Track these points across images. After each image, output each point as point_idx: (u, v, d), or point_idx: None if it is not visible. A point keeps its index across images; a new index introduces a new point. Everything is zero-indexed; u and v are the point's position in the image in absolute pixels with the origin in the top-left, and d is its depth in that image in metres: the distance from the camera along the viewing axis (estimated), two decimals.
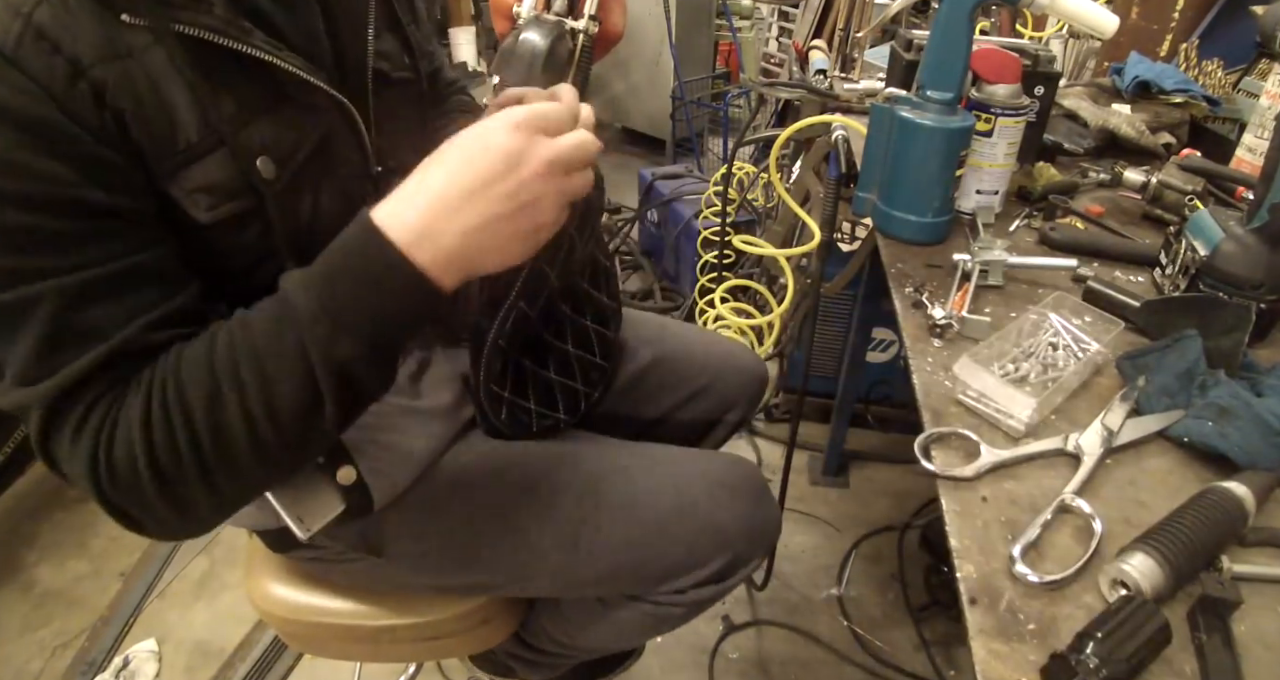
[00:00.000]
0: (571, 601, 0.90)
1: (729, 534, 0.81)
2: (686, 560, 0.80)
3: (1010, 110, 0.94)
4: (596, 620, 0.88)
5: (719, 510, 0.81)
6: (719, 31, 3.61)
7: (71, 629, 1.51)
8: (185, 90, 0.54)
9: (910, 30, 1.17)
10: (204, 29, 0.54)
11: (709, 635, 1.49)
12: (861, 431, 1.95)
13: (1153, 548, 0.52)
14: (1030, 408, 0.65)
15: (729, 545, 0.81)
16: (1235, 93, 1.32)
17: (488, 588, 0.85)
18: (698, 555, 0.80)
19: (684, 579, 0.80)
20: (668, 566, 0.80)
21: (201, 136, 0.55)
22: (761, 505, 0.86)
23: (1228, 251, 0.76)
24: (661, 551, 0.80)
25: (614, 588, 0.83)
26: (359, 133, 0.67)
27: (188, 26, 0.54)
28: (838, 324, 1.87)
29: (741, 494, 0.84)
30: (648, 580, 0.81)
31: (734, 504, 0.82)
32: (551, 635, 0.94)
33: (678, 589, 0.81)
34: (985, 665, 0.48)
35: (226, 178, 0.57)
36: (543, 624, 0.95)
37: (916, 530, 1.69)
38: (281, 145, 0.60)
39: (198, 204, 0.56)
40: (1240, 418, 0.63)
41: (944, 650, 1.47)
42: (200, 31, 0.54)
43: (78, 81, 0.50)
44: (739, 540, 0.81)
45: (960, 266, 0.85)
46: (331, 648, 0.94)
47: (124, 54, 0.52)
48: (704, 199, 2.36)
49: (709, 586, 0.81)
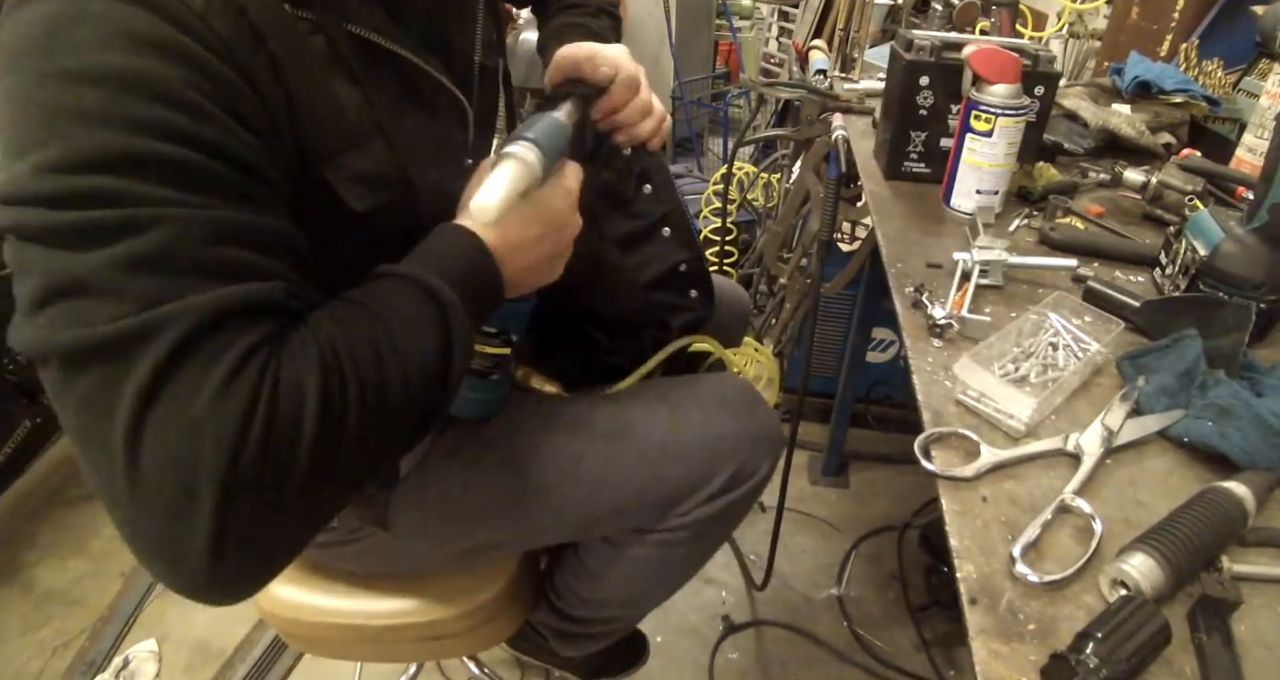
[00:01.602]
0: (586, 548, 0.91)
1: (728, 444, 0.81)
2: (690, 479, 0.80)
3: (1010, 110, 0.94)
4: (611, 564, 0.89)
5: (714, 424, 0.82)
6: (719, 31, 3.61)
7: (71, 629, 1.51)
8: (346, 80, 0.56)
9: (910, 30, 1.17)
10: (367, 29, 0.56)
11: (709, 635, 1.49)
12: (861, 431, 1.95)
13: (1153, 548, 0.52)
14: (1030, 408, 0.65)
15: (731, 456, 0.81)
16: (1235, 93, 1.32)
17: (497, 545, 0.86)
18: (700, 471, 0.80)
19: (691, 499, 0.81)
20: (672, 489, 0.80)
21: (361, 124, 0.57)
22: (757, 415, 0.85)
23: (1228, 251, 0.76)
24: (663, 473, 0.80)
25: (622, 521, 0.84)
26: (467, 129, 0.70)
27: (354, 25, 0.56)
28: (838, 324, 1.87)
29: (736, 406, 0.84)
30: (655, 507, 0.82)
31: (729, 416, 0.83)
32: (576, 591, 0.95)
33: (682, 512, 0.81)
34: (985, 665, 0.48)
35: (382, 167, 0.59)
36: (567, 581, 0.95)
37: (916, 530, 1.69)
38: (416, 141, 0.62)
39: (352, 191, 0.57)
40: (1240, 418, 0.63)
41: (944, 650, 1.47)
42: (364, 31, 0.56)
43: (259, 50, 0.50)
44: (740, 448, 0.81)
45: (960, 266, 0.85)
46: (332, 647, 0.94)
47: (293, 34, 0.53)
48: (704, 199, 2.36)
49: (713, 502, 0.81)
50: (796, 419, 1.49)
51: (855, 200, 1.38)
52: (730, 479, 0.81)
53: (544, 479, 0.80)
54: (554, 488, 0.80)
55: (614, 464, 0.80)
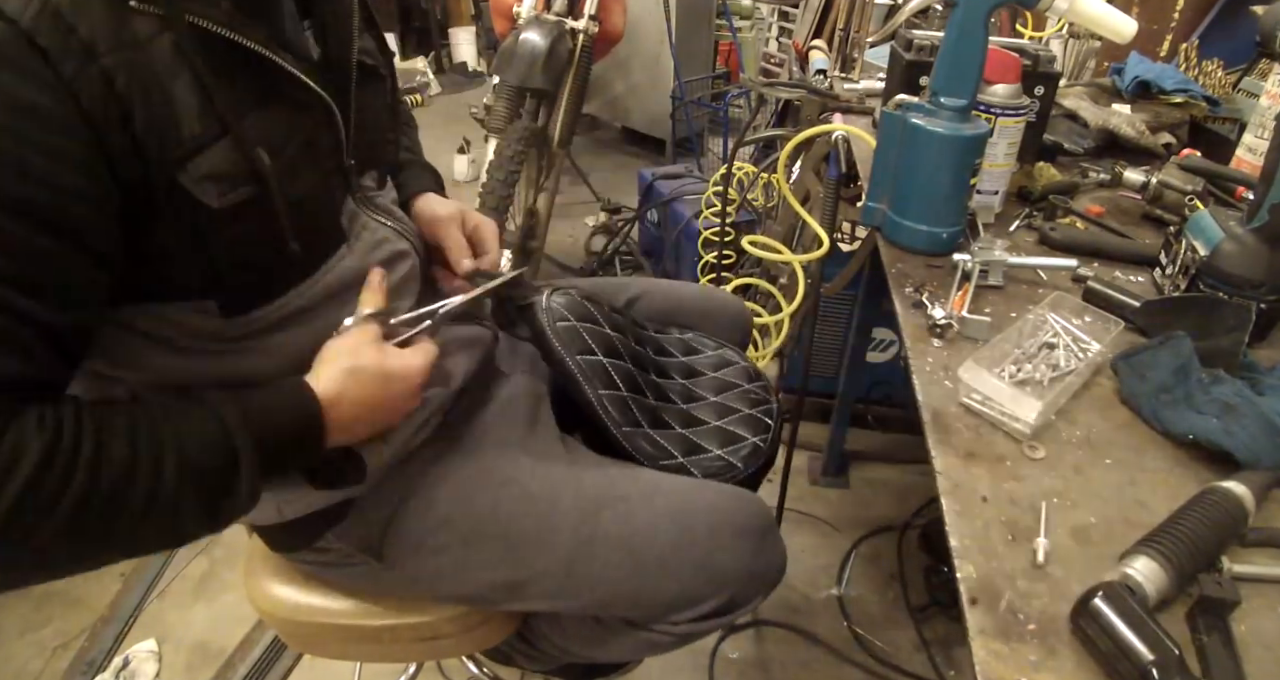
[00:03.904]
0: (569, 616, 0.90)
1: (728, 575, 0.79)
2: (681, 596, 0.79)
3: (1010, 110, 0.94)
4: (591, 637, 0.88)
5: (719, 550, 0.79)
6: (719, 31, 3.61)
7: (71, 629, 1.51)
8: (190, 81, 0.56)
9: (910, 30, 1.17)
10: (212, 21, 0.56)
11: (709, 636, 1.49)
12: (861, 431, 1.95)
13: (1156, 551, 0.52)
14: (1036, 410, 0.65)
15: (727, 586, 0.79)
16: (1235, 93, 1.32)
17: (483, 601, 0.85)
18: (693, 593, 0.79)
19: (678, 614, 0.80)
20: (662, 601, 0.79)
21: (205, 126, 0.57)
22: (765, 547, 0.83)
23: (1228, 251, 0.76)
24: (656, 586, 0.79)
25: (608, 612, 0.83)
26: (337, 128, 0.69)
27: (199, 18, 0.55)
28: (838, 324, 1.87)
29: (745, 534, 0.81)
30: (642, 611, 0.81)
31: (736, 544, 0.80)
32: (550, 639, 0.94)
33: (672, 622, 0.80)
34: (985, 665, 0.48)
35: (232, 165, 0.58)
36: (543, 628, 0.95)
37: (916, 530, 1.69)
38: (274, 137, 0.62)
39: (207, 191, 0.57)
40: (1246, 415, 0.63)
41: (944, 650, 1.47)
42: (209, 23, 0.56)
43: (89, 66, 0.50)
44: (738, 582, 0.80)
45: (960, 266, 0.85)
46: (331, 648, 0.94)
47: (131, 44, 0.53)
48: (704, 199, 2.36)
49: (704, 622, 0.81)
50: (796, 419, 1.49)
51: (855, 200, 1.38)
52: (722, 605, 0.79)
53: (540, 562, 0.79)
54: (547, 572, 0.79)
55: (610, 569, 0.79)
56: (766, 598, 0.85)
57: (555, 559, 0.79)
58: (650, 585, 0.79)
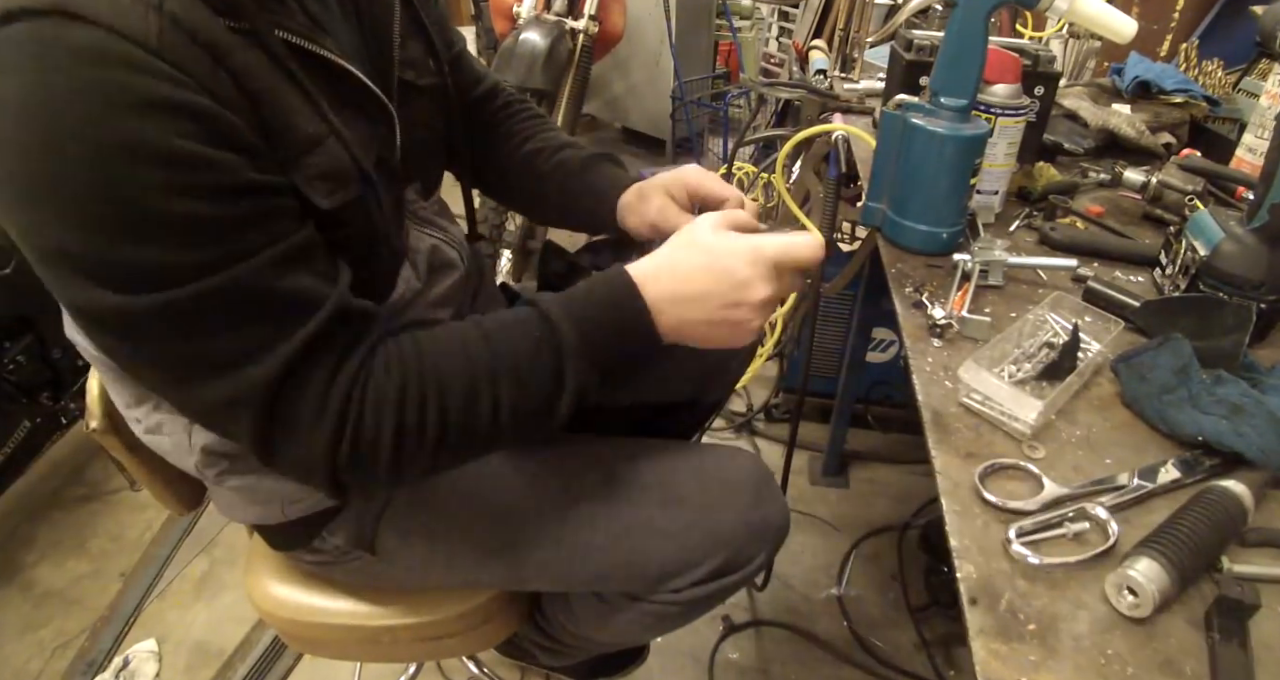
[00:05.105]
0: (576, 597, 0.90)
1: (722, 532, 0.78)
2: (678, 558, 0.77)
3: (1010, 110, 0.94)
4: (600, 617, 0.88)
5: (711, 506, 0.78)
6: (719, 31, 3.61)
7: (71, 629, 1.51)
8: (291, 85, 0.57)
9: (910, 30, 1.17)
10: (295, 34, 0.58)
11: (709, 636, 1.49)
12: (861, 431, 1.95)
13: (1158, 552, 0.52)
14: (1037, 410, 0.65)
15: (722, 544, 0.77)
16: (1235, 93, 1.32)
17: (481, 584, 0.85)
18: (688, 555, 0.77)
19: (679, 579, 0.78)
20: (660, 565, 0.78)
21: (315, 125, 0.58)
22: (762, 501, 0.80)
23: (1228, 251, 0.76)
24: (650, 550, 0.78)
25: (609, 585, 0.83)
26: (394, 137, 0.70)
27: (284, 31, 0.57)
28: (838, 324, 1.87)
29: (738, 487, 0.80)
30: (641, 579, 0.80)
31: (729, 499, 0.79)
32: (564, 626, 0.94)
33: (674, 589, 0.79)
34: (985, 665, 0.48)
35: (340, 165, 0.60)
36: (555, 614, 0.95)
37: (916, 530, 1.69)
38: (362, 142, 0.63)
39: (318, 190, 0.58)
40: (1255, 416, 0.63)
41: (944, 650, 1.47)
42: (293, 36, 0.58)
43: (218, 68, 0.51)
44: (735, 539, 0.78)
45: (960, 266, 0.85)
46: (331, 648, 0.94)
47: (240, 47, 0.54)
48: None
49: (705, 586, 0.79)
50: (796, 419, 1.49)
51: (855, 200, 1.38)
52: (722, 565, 0.77)
53: (527, 536, 0.78)
54: (537, 546, 0.78)
55: (600, 536, 0.78)
56: (771, 558, 0.82)
57: (544, 533, 0.78)
58: (641, 548, 0.78)
